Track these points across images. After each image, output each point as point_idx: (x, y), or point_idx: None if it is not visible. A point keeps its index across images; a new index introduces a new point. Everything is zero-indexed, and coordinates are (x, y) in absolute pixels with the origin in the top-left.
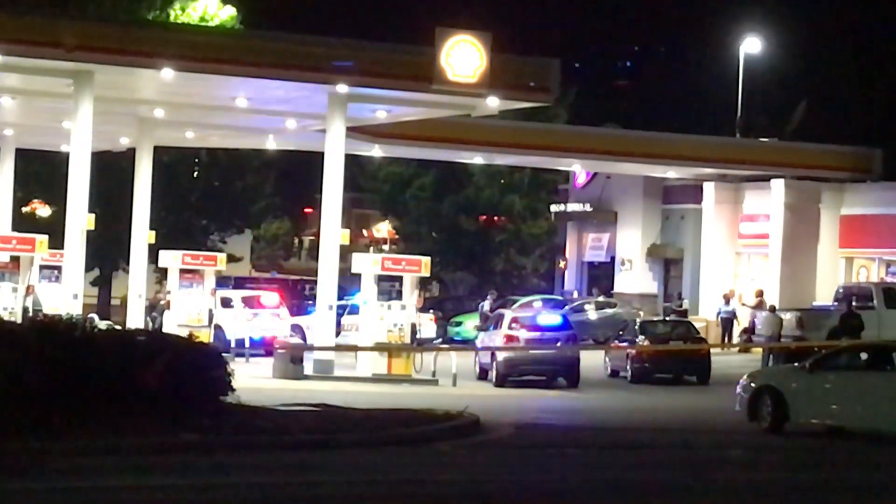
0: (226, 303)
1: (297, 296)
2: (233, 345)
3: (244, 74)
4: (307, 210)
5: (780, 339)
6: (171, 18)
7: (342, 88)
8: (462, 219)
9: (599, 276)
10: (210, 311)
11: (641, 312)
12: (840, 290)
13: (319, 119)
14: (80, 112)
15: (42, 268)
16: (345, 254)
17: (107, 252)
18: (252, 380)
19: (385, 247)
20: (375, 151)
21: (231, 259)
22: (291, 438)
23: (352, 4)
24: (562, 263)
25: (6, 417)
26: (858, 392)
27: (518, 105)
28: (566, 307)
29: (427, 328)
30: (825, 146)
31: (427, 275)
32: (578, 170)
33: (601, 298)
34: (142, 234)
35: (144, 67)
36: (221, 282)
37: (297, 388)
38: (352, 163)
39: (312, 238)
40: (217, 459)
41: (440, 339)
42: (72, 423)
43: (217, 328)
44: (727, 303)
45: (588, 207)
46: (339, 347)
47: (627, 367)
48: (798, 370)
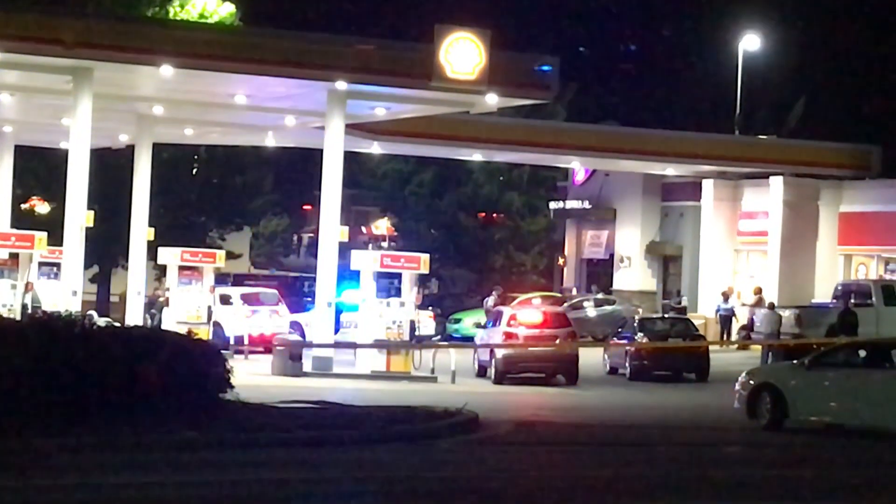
0: (225, 300)
1: (297, 293)
2: (231, 342)
3: (243, 71)
4: (306, 207)
5: (779, 337)
6: (170, 15)
7: (341, 85)
8: (461, 216)
9: (598, 274)
10: (209, 309)
11: (640, 309)
12: (839, 288)
13: (318, 116)
14: (80, 109)
15: (41, 265)
16: (344, 251)
17: (106, 249)
18: (251, 377)
19: (384, 244)
20: (374, 148)
21: (230, 256)
22: (290, 435)
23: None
24: (561, 261)
25: (5, 414)
26: (857, 389)
27: (517, 102)
28: (565, 304)
29: (426, 325)
30: (824, 143)
31: (426, 272)
32: (577, 167)
33: (600, 295)
34: (141, 231)
35: (143, 64)
36: (220, 279)
37: (296, 385)
38: (351, 160)
39: (311, 235)
40: (216, 456)
41: (439, 336)
42: (70, 420)
43: (216, 325)
44: (726, 300)
45: (587, 205)
46: (338, 345)
47: (626, 365)
48: (797, 367)
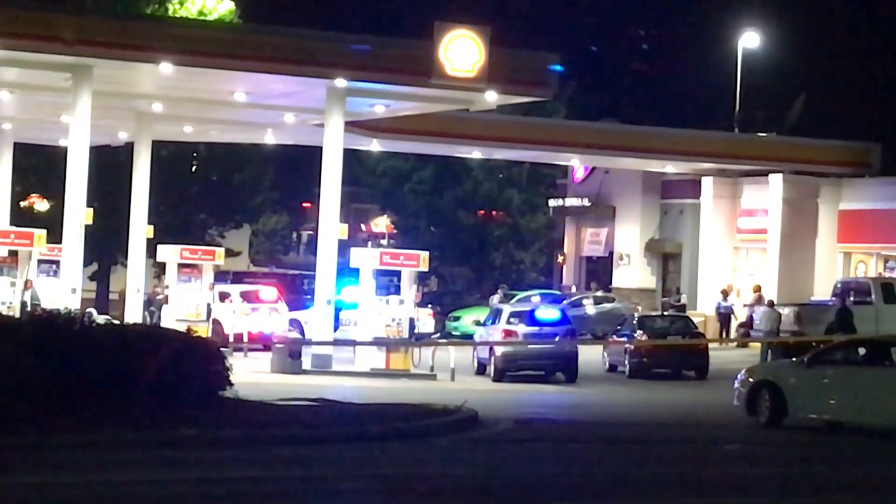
0: (224, 297)
1: (296, 290)
2: (231, 339)
3: (242, 69)
4: (306, 204)
5: (779, 334)
6: (170, 13)
7: (340, 83)
8: (460, 213)
9: (598, 271)
10: (208, 306)
11: (640, 307)
12: (838, 285)
13: (318, 113)
14: (79, 106)
15: (40, 262)
16: (343, 248)
17: (105, 246)
18: (250, 374)
19: (383, 241)
20: (374, 146)
21: (229, 253)
22: (290, 433)
23: None
24: (560, 258)
25: (4, 412)
26: (856, 387)
27: (516, 99)
28: (564, 302)
29: (425, 323)
30: (824, 141)
31: (425, 269)
32: (577, 164)
33: (599, 293)
34: (140, 229)
35: (143, 62)
36: (220, 276)
37: (296, 383)
38: (350, 157)
39: (311, 232)
40: (215, 454)
41: (438, 334)
42: (70, 418)
43: (215, 323)
44: (725, 298)
45: (586, 202)
46: (338, 342)
47: (626, 362)
48: (796, 365)
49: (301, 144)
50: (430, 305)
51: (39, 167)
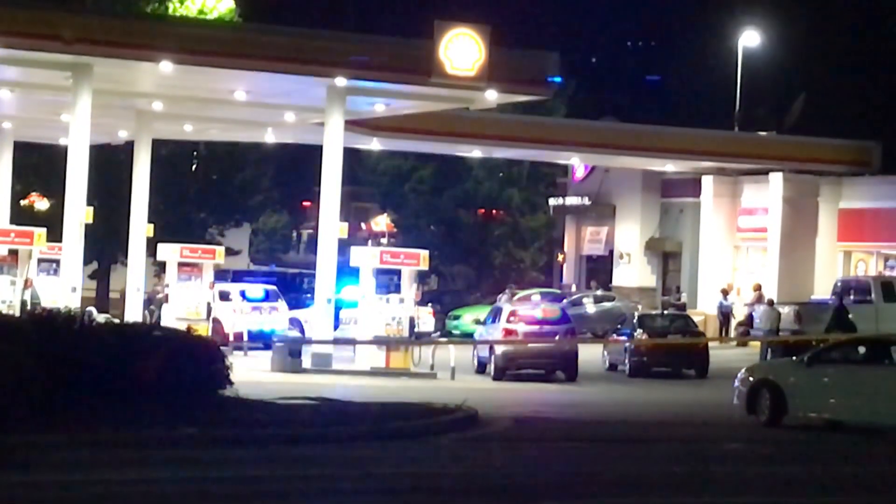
0: (224, 296)
1: (296, 289)
2: (231, 338)
3: (243, 68)
4: (306, 203)
5: (778, 333)
6: (170, 11)
7: (341, 82)
8: (460, 212)
9: (598, 270)
10: (208, 305)
11: (640, 306)
12: (838, 284)
13: (318, 112)
14: (79, 105)
15: (40, 261)
16: (344, 247)
17: (105, 245)
18: (250, 373)
19: (383, 240)
20: (374, 145)
21: (229, 252)
22: (290, 432)
23: None
24: (560, 257)
25: (4, 410)
26: (856, 386)
27: (516, 98)
28: (564, 301)
29: (425, 322)
30: (824, 140)
31: (425, 268)
32: (577, 163)
33: (599, 292)
34: (140, 228)
35: (143, 60)
36: (220, 275)
37: (296, 382)
38: (350, 156)
39: (311, 231)
40: (215, 453)
41: (438, 333)
42: (70, 417)
43: (215, 321)
44: (725, 297)
45: (586, 201)
46: (338, 341)
47: (626, 361)
48: (796, 364)
49: (301, 143)
50: (431, 304)
51: (40, 166)
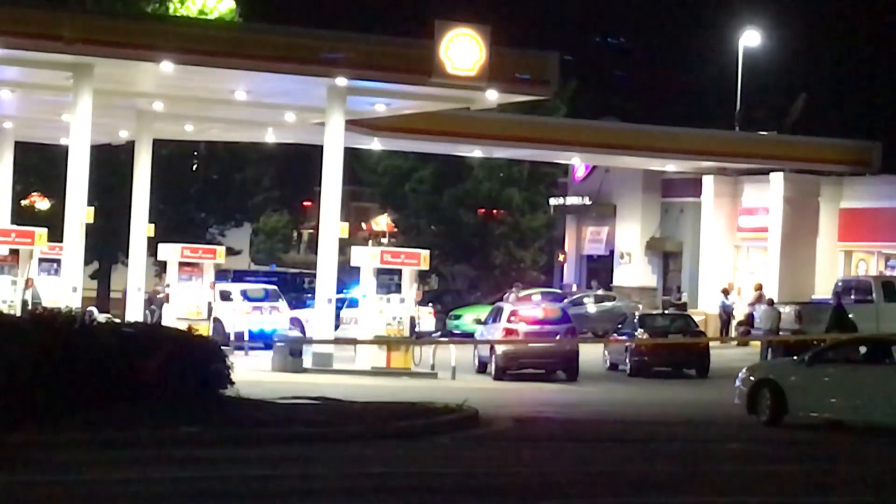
0: (225, 296)
1: (297, 289)
2: (232, 338)
3: (243, 67)
4: (306, 203)
5: (779, 333)
6: (171, 11)
7: (341, 82)
8: (461, 212)
9: (598, 270)
10: (209, 305)
11: (640, 306)
12: (839, 284)
13: (318, 112)
14: (80, 105)
15: (41, 261)
16: (344, 247)
17: (106, 245)
18: (251, 373)
19: (384, 240)
20: (374, 144)
21: (230, 252)
22: (290, 431)
23: None
24: (561, 257)
25: (5, 410)
26: (857, 385)
27: (517, 98)
28: (565, 300)
29: (426, 321)
30: (824, 139)
31: (426, 268)
32: (577, 163)
33: (600, 292)
34: (141, 228)
35: (144, 60)
36: (220, 275)
37: (297, 382)
38: (351, 156)
39: (311, 231)
40: (216, 452)
41: (439, 333)
42: (71, 416)
43: (216, 321)
44: (726, 296)
45: (587, 201)
46: (339, 341)
47: (626, 361)
48: (797, 363)
49: (302, 143)
50: (431, 304)
51: (40, 166)
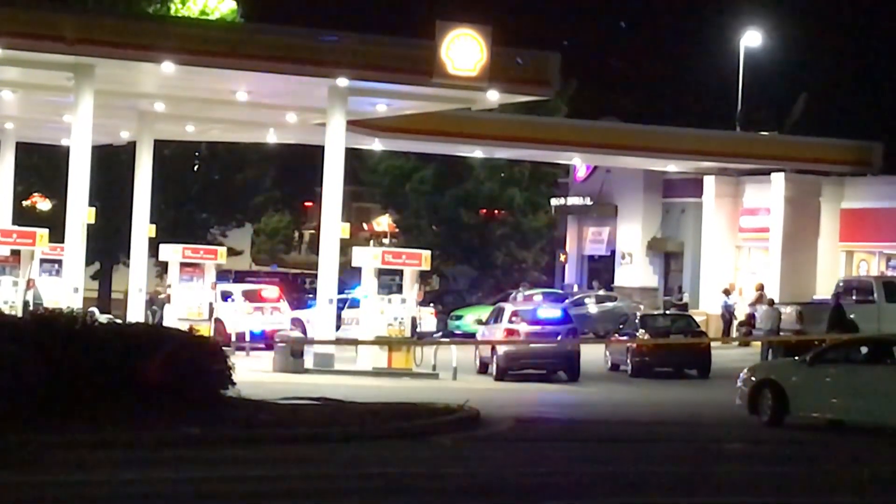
0: (226, 296)
1: (298, 289)
2: (233, 338)
3: (244, 68)
4: (307, 204)
5: (779, 333)
6: (172, 12)
7: (342, 82)
8: (462, 212)
9: (600, 270)
10: (210, 305)
11: (642, 306)
12: (840, 284)
13: (320, 113)
14: (81, 106)
15: (42, 261)
16: (345, 247)
17: (107, 246)
18: (252, 373)
19: (385, 240)
20: (376, 145)
21: (231, 253)
22: (292, 432)
23: None
24: (562, 257)
25: (6, 411)
26: (858, 386)
27: (518, 99)
28: (566, 301)
29: (427, 322)
30: (825, 140)
31: (427, 268)
32: (579, 163)
33: (601, 292)
34: (142, 228)
35: (145, 61)
36: (222, 275)
37: (298, 382)
38: (352, 156)
39: (313, 232)
40: (217, 453)
41: (440, 333)
42: (72, 417)
43: (217, 322)
44: (727, 297)
45: (588, 201)
46: (340, 341)
47: (628, 361)
48: (798, 364)
49: (303, 144)
50: (432, 304)
51: (41, 166)
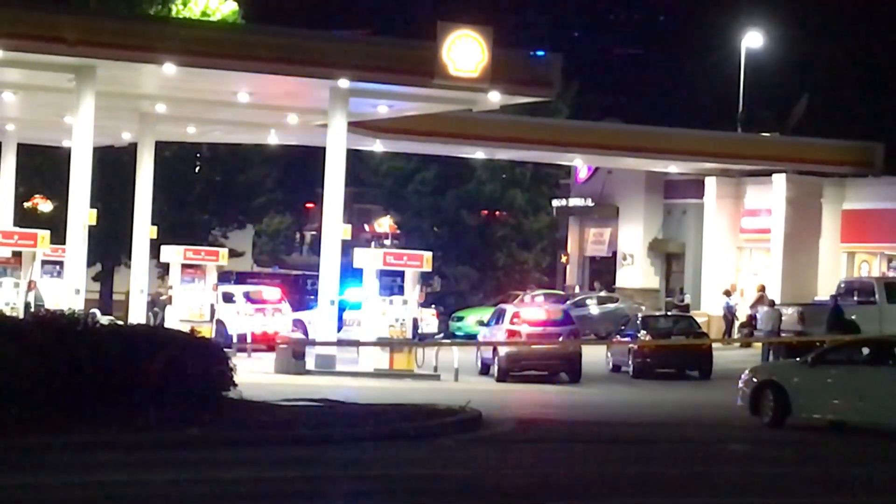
0: (228, 298)
1: (299, 291)
2: (234, 340)
3: (246, 69)
4: (309, 205)
5: (779, 334)
6: (173, 13)
7: (343, 83)
8: (464, 213)
9: (601, 271)
10: (212, 307)
11: (643, 307)
12: (842, 285)
13: (321, 114)
14: (82, 107)
15: (44, 263)
16: (346, 248)
17: (109, 247)
18: (254, 375)
19: (387, 241)
20: (377, 146)
21: (233, 254)
22: (293, 433)
23: None
24: (563, 258)
25: (8, 412)
26: (860, 387)
27: (519, 100)
28: (567, 302)
29: (429, 323)
30: (827, 141)
31: (429, 270)
32: (580, 164)
33: (603, 293)
34: (143, 230)
35: (146, 62)
36: (223, 277)
37: (299, 384)
38: (353, 158)
39: (314, 233)
40: (219, 454)
41: (442, 334)
42: (73, 419)
43: (219, 323)
44: (728, 298)
45: (590, 202)
46: (341, 343)
47: (629, 362)
48: (800, 365)
49: (304, 145)
50: (434, 306)
51: (43, 168)
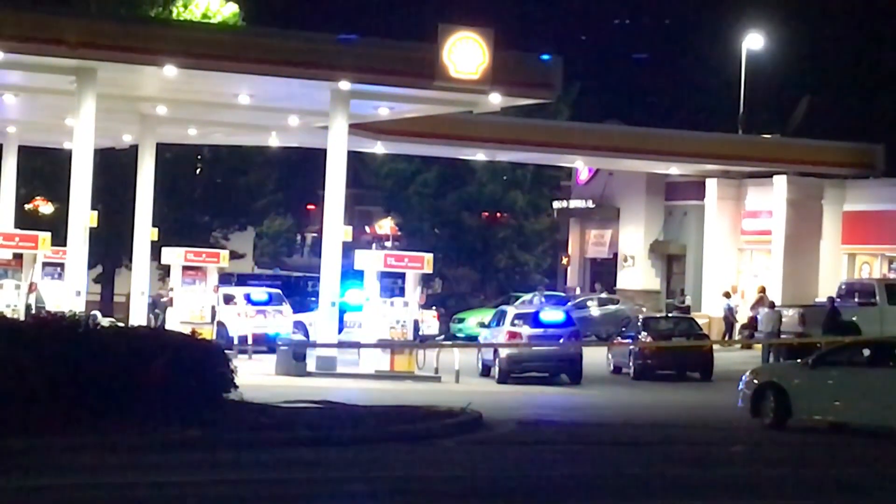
0: (228, 300)
1: (300, 292)
2: (235, 341)
3: (246, 71)
4: (310, 207)
5: (780, 336)
6: (174, 15)
7: (344, 85)
8: (465, 215)
9: (602, 273)
10: (213, 308)
11: (644, 309)
12: (842, 287)
13: (322, 116)
14: (83, 109)
15: (45, 265)
16: (347, 250)
17: (110, 249)
18: (255, 376)
19: (388, 243)
20: (378, 148)
21: (234, 256)
22: (294, 435)
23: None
24: (564, 260)
25: (9, 414)
26: (861, 388)
27: (520, 101)
28: (568, 303)
29: (429, 325)
30: (828, 142)
31: (429, 271)
32: (581, 166)
33: (604, 295)
34: (144, 231)
35: (147, 64)
36: (224, 279)
37: (300, 385)
38: (354, 159)
39: (315, 235)
40: (220, 456)
41: (443, 336)
42: (74, 420)
43: (220, 325)
44: (728, 300)
45: (590, 204)
46: (342, 344)
47: (630, 364)
48: (801, 366)
49: (305, 147)
50: (435, 307)
51: (44, 170)
